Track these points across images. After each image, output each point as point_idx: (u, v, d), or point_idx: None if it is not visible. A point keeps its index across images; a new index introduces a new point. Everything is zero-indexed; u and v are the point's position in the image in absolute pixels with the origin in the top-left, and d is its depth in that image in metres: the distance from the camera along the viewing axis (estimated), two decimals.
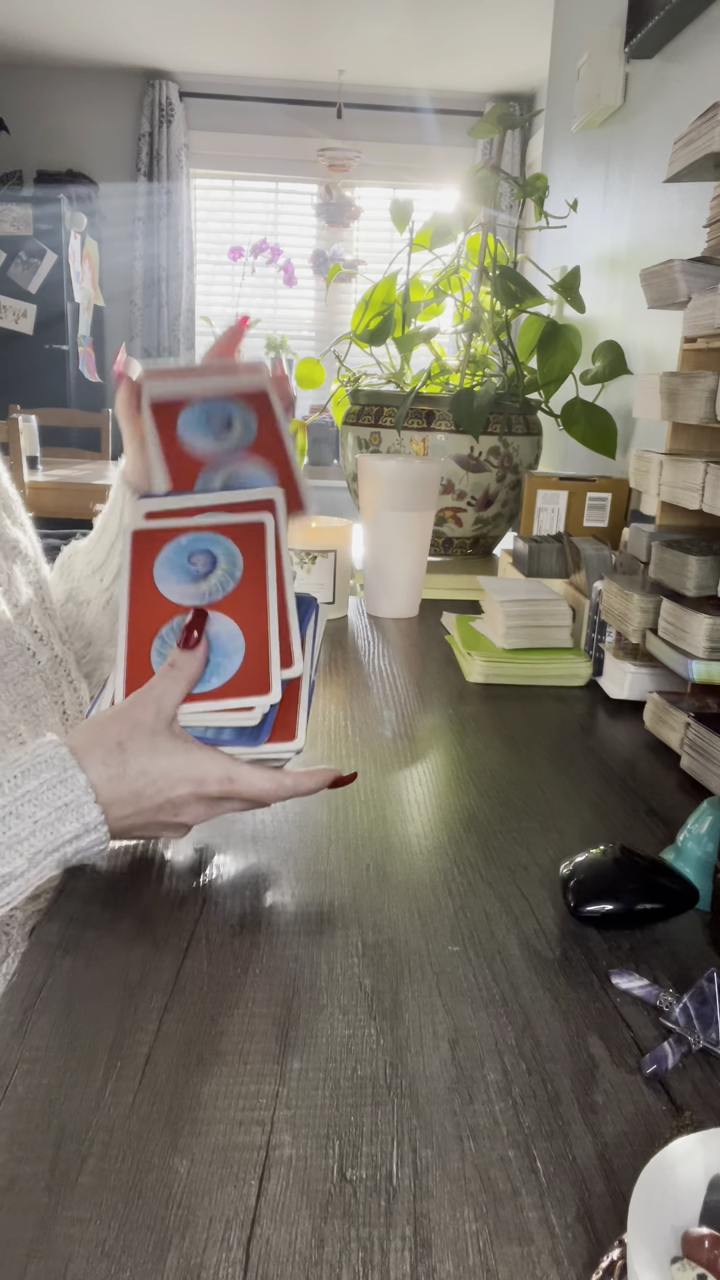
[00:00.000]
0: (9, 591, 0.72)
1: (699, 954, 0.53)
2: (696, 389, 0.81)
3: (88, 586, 0.83)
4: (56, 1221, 0.35)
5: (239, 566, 0.62)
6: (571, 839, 0.66)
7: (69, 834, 0.52)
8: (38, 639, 0.73)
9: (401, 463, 1.19)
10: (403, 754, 0.79)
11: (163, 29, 3.94)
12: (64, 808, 0.52)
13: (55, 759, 0.53)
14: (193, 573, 0.62)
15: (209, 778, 0.56)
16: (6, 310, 4.20)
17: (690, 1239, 0.29)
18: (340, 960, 0.51)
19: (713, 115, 0.83)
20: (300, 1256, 0.34)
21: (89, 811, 0.52)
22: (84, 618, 0.83)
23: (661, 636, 0.82)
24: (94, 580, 0.83)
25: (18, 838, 0.50)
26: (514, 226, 1.68)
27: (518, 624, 1.00)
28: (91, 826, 0.52)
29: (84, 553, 0.84)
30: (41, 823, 0.51)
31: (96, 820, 0.53)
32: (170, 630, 0.61)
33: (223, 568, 0.62)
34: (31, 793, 0.51)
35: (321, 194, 4.74)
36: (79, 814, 0.52)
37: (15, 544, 0.76)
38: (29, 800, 0.51)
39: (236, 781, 0.56)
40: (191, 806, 0.57)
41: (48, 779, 0.52)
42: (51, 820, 0.51)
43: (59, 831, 0.51)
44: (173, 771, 0.55)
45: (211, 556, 0.63)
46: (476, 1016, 0.47)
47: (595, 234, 1.75)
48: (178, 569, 0.62)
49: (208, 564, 0.62)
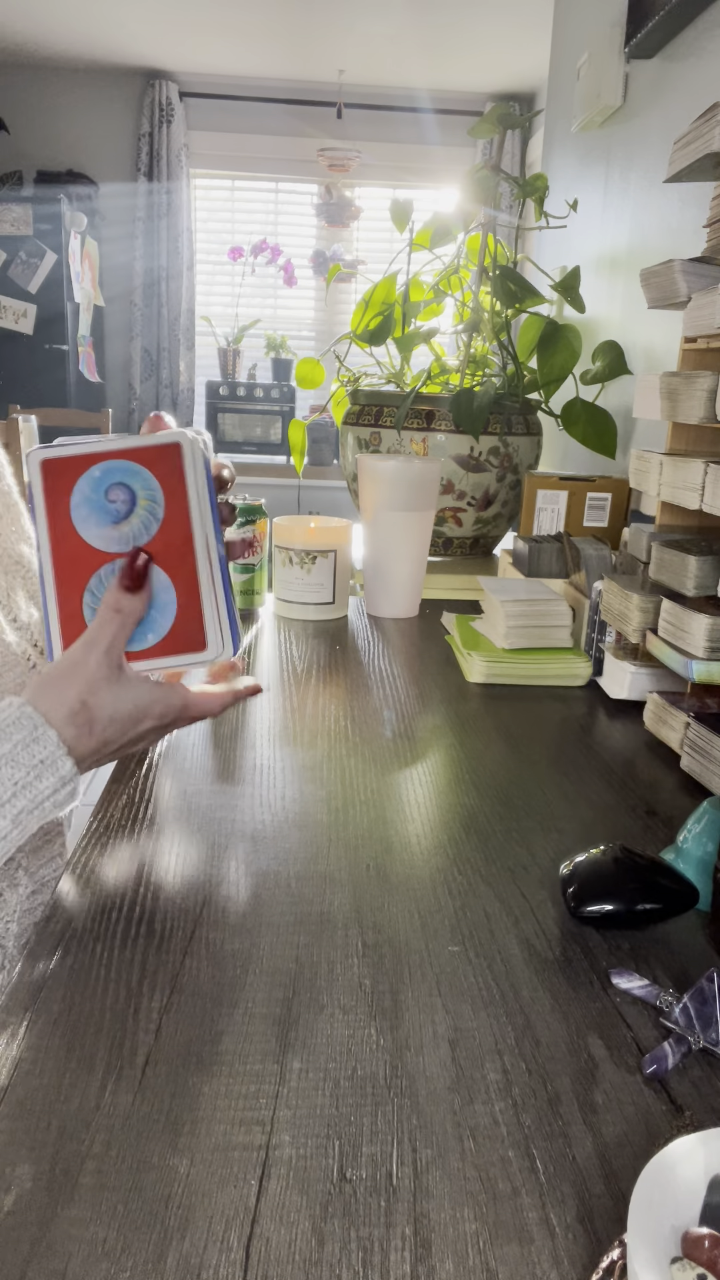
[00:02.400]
0: (8, 608, 0.72)
1: (699, 954, 0.53)
2: (696, 389, 0.81)
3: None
4: (56, 1221, 0.35)
5: (160, 504, 0.58)
6: (571, 839, 0.66)
7: (47, 790, 0.53)
8: (38, 652, 0.73)
9: (401, 463, 1.19)
10: (403, 754, 0.79)
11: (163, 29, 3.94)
12: (39, 765, 0.53)
13: (23, 719, 0.53)
14: (113, 512, 0.58)
15: (170, 710, 0.59)
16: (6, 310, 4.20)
17: (690, 1239, 0.29)
18: (340, 960, 0.51)
19: (713, 115, 0.83)
20: (300, 1256, 0.34)
21: (63, 765, 0.54)
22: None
23: (661, 636, 0.82)
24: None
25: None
26: (514, 226, 1.68)
27: (518, 624, 1.00)
28: (67, 779, 0.54)
29: None
30: (20, 784, 0.52)
31: (71, 773, 0.54)
32: (99, 582, 0.58)
33: (143, 504, 0.58)
34: (6, 755, 0.52)
35: (321, 194, 4.74)
36: (54, 769, 0.53)
37: (20, 559, 0.76)
38: (5, 763, 0.52)
39: (191, 708, 0.60)
40: (151, 735, 0.60)
41: (20, 739, 0.53)
42: (30, 780, 0.52)
43: (37, 789, 0.53)
44: (136, 712, 0.57)
45: (130, 491, 0.58)
46: (476, 1016, 0.47)
47: (595, 234, 1.75)
48: (97, 509, 0.58)
49: (128, 501, 0.58)
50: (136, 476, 0.58)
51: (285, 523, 1.24)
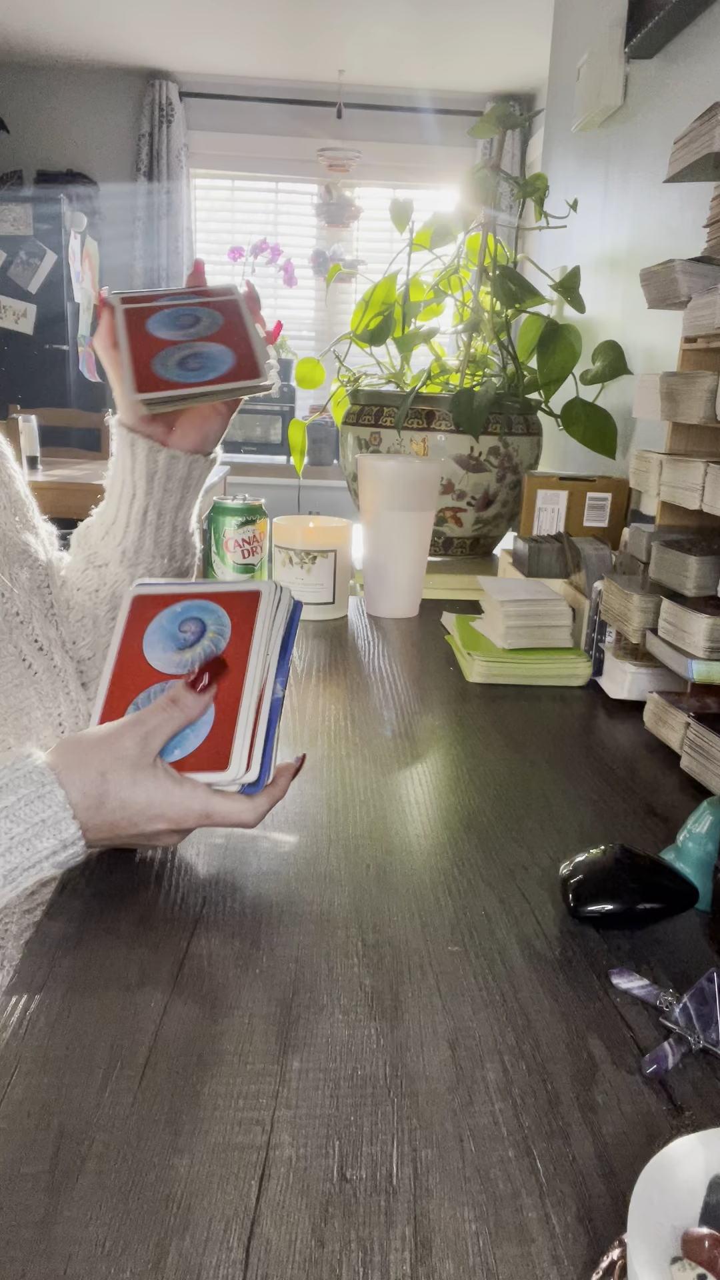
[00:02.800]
0: (8, 599, 0.72)
1: (699, 954, 0.53)
2: (696, 389, 0.81)
3: (104, 548, 0.82)
4: (56, 1221, 0.35)
5: (225, 638, 0.62)
6: (571, 839, 0.66)
7: (46, 850, 0.51)
8: (36, 648, 0.72)
9: (401, 463, 1.19)
10: (403, 754, 0.79)
11: (163, 29, 3.94)
12: (41, 824, 0.51)
13: (33, 774, 0.52)
14: (180, 640, 0.62)
15: (188, 815, 0.56)
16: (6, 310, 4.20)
17: (690, 1239, 0.29)
18: (340, 960, 0.51)
19: (713, 115, 0.83)
20: (300, 1256, 0.34)
21: (67, 828, 0.52)
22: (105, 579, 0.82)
23: (661, 636, 0.82)
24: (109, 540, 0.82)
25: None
26: (514, 226, 1.68)
27: (518, 624, 1.00)
28: (69, 842, 0.52)
29: (97, 518, 0.84)
30: (18, 839, 0.51)
31: (74, 836, 0.52)
32: (146, 698, 0.60)
33: (210, 635, 0.62)
34: (8, 808, 0.51)
35: (321, 194, 4.74)
36: (56, 830, 0.52)
37: (24, 549, 0.75)
38: (5, 816, 0.51)
39: (214, 816, 0.56)
40: (166, 836, 0.57)
41: (25, 795, 0.51)
42: (28, 836, 0.51)
43: (35, 848, 0.51)
44: (150, 807, 0.55)
45: (201, 624, 0.62)
46: (476, 1016, 0.47)
47: (595, 234, 1.75)
48: (167, 635, 0.62)
49: (197, 632, 0.62)
50: (212, 613, 0.63)
51: (285, 523, 1.24)
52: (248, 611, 0.62)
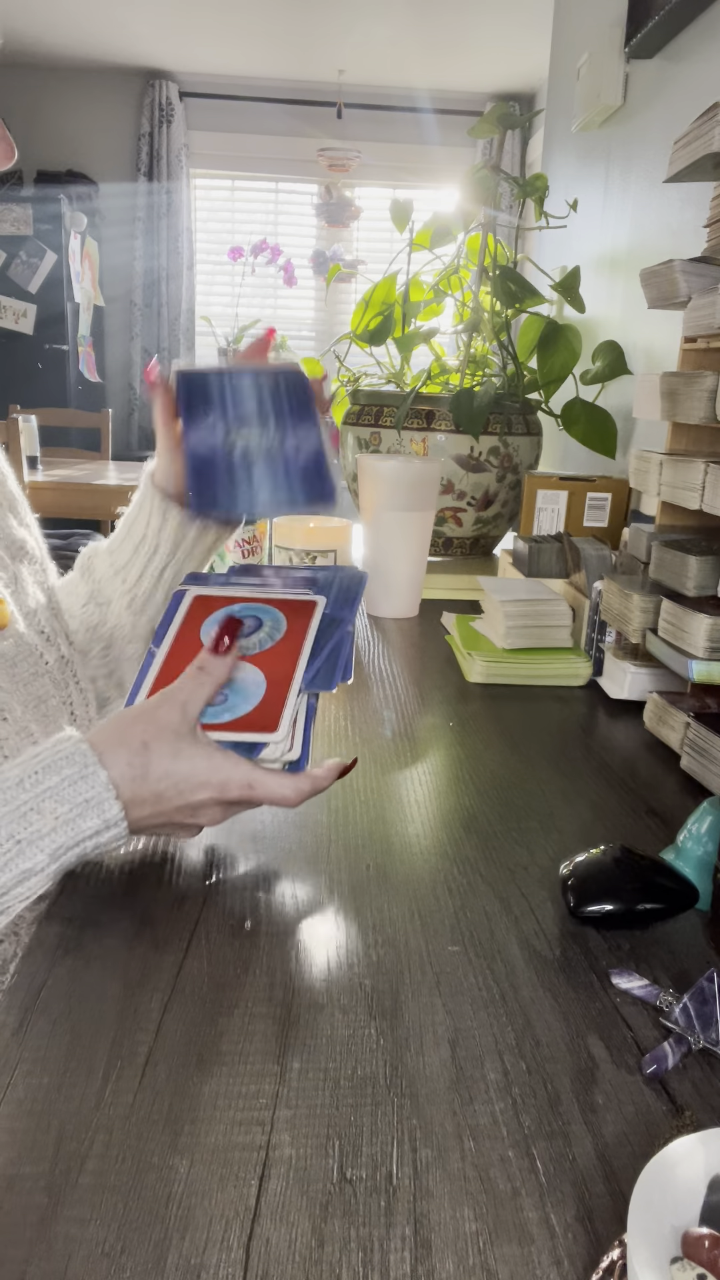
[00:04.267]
0: (17, 593, 0.72)
1: (699, 954, 0.53)
2: (696, 389, 0.81)
3: (109, 587, 0.83)
4: (56, 1221, 0.35)
5: (281, 631, 0.63)
6: (571, 839, 0.66)
7: (90, 830, 0.52)
8: (45, 639, 0.73)
9: (401, 463, 1.19)
10: (403, 754, 0.79)
11: (163, 29, 3.94)
12: (85, 804, 0.52)
13: (76, 755, 0.52)
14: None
15: (231, 783, 0.56)
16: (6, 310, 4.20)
17: (690, 1239, 0.29)
18: (340, 960, 0.51)
19: (713, 115, 0.83)
20: (300, 1256, 0.34)
21: (110, 808, 0.52)
22: (106, 618, 0.83)
23: (661, 636, 0.82)
24: (116, 581, 0.83)
25: (39, 833, 0.50)
26: (514, 226, 1.68)
27: (518, 624, 1.00)
28: (112, 822, 0.52)
29: (106, 554, 0.84)
30: (63, 819, 0.51)
31: (117, 816, 0.52)
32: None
33: (266, 629, 0.63)
34: (53, 789, 0.51)
35: (321, 194, 4.74)
36: (100, 810, 0.52)
37: (22, 545, 0.76)
38: (50, 796, 0.51)
39: (256, 788, 0.56)
40: (209, 809, 0.57)
41: (69, 775, 0.52)
42: (73, 816, 0.51)
43: (80, 828, 0.51)
44: (194, 775, 0.55)
45: (259, 621, 0.63)
46: (476, 1016, 0.47)
47: (595, 234, 1.75)
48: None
49: (253, 626, 0.63)
50: (269, 614, 0.64)
51: (285, 523, 1.24)
52: (304, 616, 0.63)
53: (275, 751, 0.58)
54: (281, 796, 0.57)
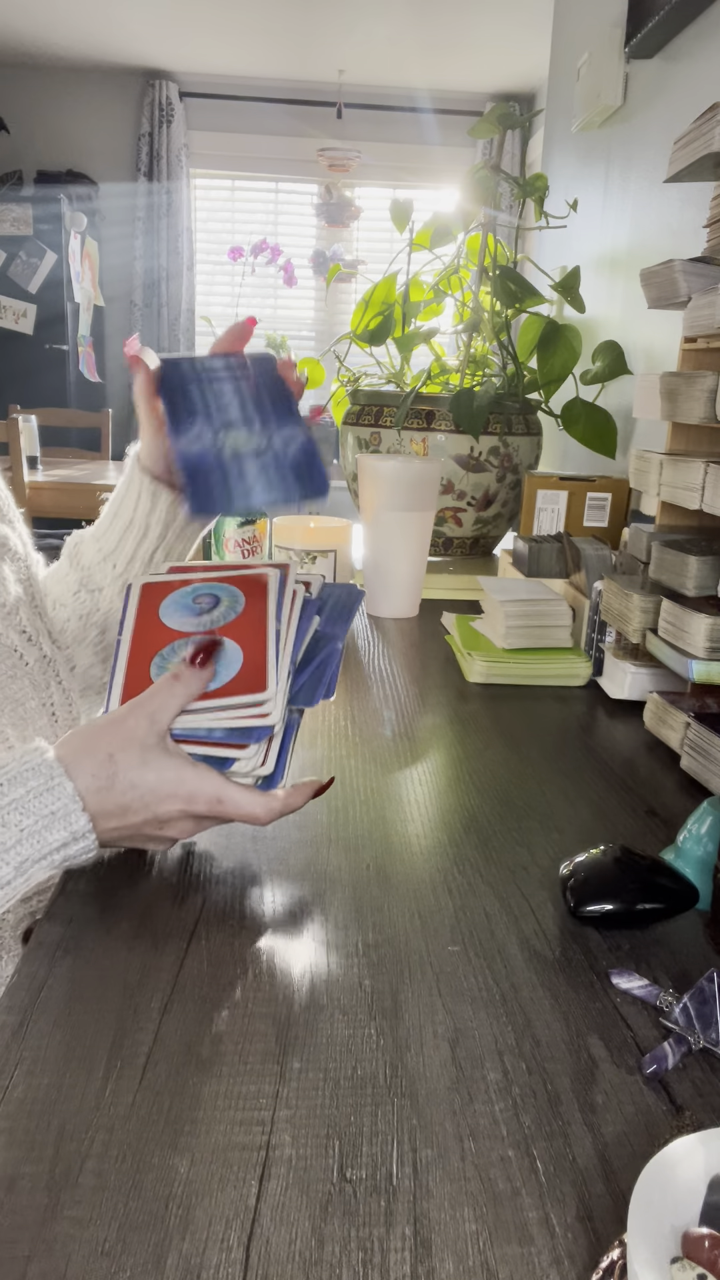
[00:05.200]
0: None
1: (699, 954, 0.53)
2: (696, 389, 0.81)
3: (99, 574, 0.83)
4: (56, 1221, 0.35)
5: (240, 603, 0.63)
6: (571, 839, 0.66)
7: (56, 842, 0.51)
8: (25, 639, 0.72)
9: (401, 463, 1.19)
10: (403, 754, 0.79)
11: (163, 29, 3.94)
12: (50, 816, 0.51)
13: (42, 766, 0.52)
14: (196, 609, 0.64)
15: (199, 796, 0.55)
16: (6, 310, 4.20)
17: (690, 1239, 0.29)
18: (340, 960, 0.51)
19: (713, 115, 0.83)
20: (300, 1256, 0.34)
21: (77, 820, 0.52)
22: (99, 604, 0.83)
23: (661, 636, 0.82)
24: (106, 566, 0.82)
25: (3, 846, 0.50)
26: (514, 226, 1.68)
27: (518, 624, 1.00)
28: (79, 834, 0.52)
29: (93, 539, 0.83)
30: (28, 831, 0.50)
31: (84, 828, 0.52)
32: (171, 650, 0.61)
33: (225, 604, 0.64)
34: (18, 800, 0.51)
35: (321, 194, 4.74)
36: (66, 822, 0.51)
37: (4, 541, 0.75)
38: (15, 809, 0.51)
39: (225, 803, 0.55)
40: (178, 822, 0.56)
41: (34, 786, 0.51)
42: (39, 829, 0.51)
43: (46, 840, 0.51)
44: (161, 787, 0.54)
45: (215, 598, 0.64)
46: (476, 1016, 0.47)
47: (595, 234, 1.75)
48: (183, 608, 0.64)
49: (211, 604, 0.64)
50: (224, 590, 0.65)
51: (285, 523, 1.24)
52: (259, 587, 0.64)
53: (247, 765, 0.58)
54: (250, 814, 0.56)
